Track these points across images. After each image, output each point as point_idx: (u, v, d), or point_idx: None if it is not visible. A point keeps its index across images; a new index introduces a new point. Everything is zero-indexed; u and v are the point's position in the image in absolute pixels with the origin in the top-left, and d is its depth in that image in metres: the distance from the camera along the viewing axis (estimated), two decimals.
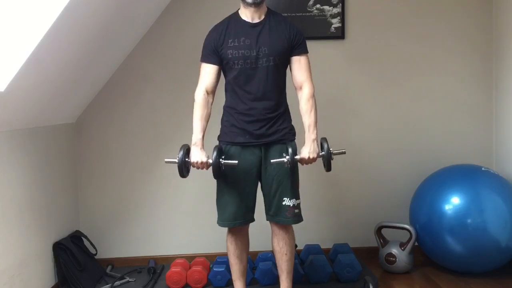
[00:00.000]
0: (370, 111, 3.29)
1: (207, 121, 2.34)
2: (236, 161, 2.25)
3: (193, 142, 2.28)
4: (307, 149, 2.28)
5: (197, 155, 2.24)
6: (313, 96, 2.35)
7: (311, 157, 2.28)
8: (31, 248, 2.54)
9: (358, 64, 3.26)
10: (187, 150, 2.27)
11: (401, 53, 3.28)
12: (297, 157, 2.27)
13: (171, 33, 3.19)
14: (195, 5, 3.18)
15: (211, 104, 2.36)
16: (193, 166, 2.27)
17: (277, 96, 2.34)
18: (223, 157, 2.26)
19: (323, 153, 2.29)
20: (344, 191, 3.32)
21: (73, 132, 3.18)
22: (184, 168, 2.25)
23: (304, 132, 2.34)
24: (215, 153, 2.23)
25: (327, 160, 2.29)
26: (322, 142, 2.32)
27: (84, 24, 2.32)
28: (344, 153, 2.34)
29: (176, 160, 2.22)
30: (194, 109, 2.33)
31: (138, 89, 3.21)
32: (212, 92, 2.35)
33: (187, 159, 2.26)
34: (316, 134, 2.32)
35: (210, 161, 2.24)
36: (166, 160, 2.28)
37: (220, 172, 2.26)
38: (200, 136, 2.29)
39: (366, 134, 3.30)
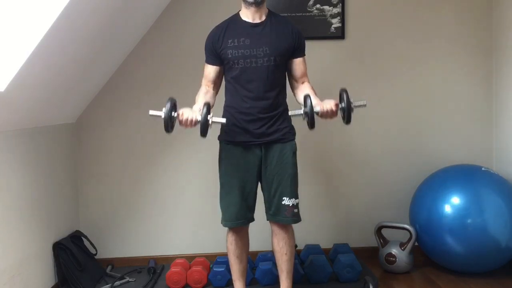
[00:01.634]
0: (370, 111, 3.26)
1: (210, 102, 2.29)
2: (225, 119, 2.19)
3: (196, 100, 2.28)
4: (323, 103, 2.20)
5: (187, 111, 2.18)
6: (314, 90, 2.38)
7: (329, 108, 2.18)
8: (31, 248, 2.54)
9: (358, 64, 3.26)
10: (173, 105, 2.16)
11: (401, 53, 3.28)
12: (317, 109, 2.15)
13: (171, 33, 3.19)
14: (195, 6, 3.18)
15: (214, 95, 2.38)
16: (180, 123, 2.17)
17: (277, 95, 2.35)
18: (211, 114, 2.14)
19: (343, 105, 2.16)
20: (344, 191, 3.32)
21: (73, 132, 3.18)
22: (169, 122, 2.13)
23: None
24: (204, 110, 2.13)
25: (347, 111, 2.15)
26: (342, 92, 2.19)
27: (84, 24, 2.32)
28: (365, 105, 2.18)
29: (162, 114, 2.11)
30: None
31: (138, 89, 3.21)
32: (215, 88, 2.40)
33: (173, 114, 2.14)
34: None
35: (199, 118, 2.14)
36: (150, 112, 2.16)
37: (207, 130, 2.14)
38: (200, 101, 2.27)
39: (366, 134, 3.30)
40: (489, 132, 3.32)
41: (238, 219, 2.37)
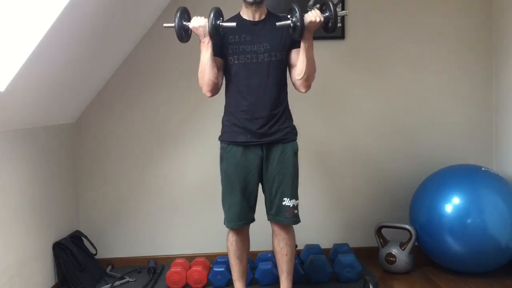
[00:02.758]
0: (370, 111, 3.29)
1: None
2: (235, 23, 2.23)
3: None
4: (310, 13, 2.23)
5: (197, 19, 2.24)
6: None
7: (317, 18, 2.21)
8: (31, 248, 2.54)
9: (358, 64, 3.26)
10: (182, 13, 2.26)
11: (401, 53, 3.28)
12: (304, 19, 2.20)
13: (171, 33, 3.17)
14: (195, 6, 3.17)
15: (220, 84, 2.37)
16: (193, 30, 2.24)
17: (278, 92, 2.34)
18: (221, 18, 2.23)
19: (327, 14, 2.24)
20: (344, 191, 3.32)
21: (73, 132, 3.18)
22: (182, 31, 2.24)
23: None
24: (212, 15, 2.20)
25: (334, 20, 2.23)
26: (327, 2, 2.27)
27: (84, 24, 2.32)
28: (347, 14, 2.34)
29: (174, 24, 2.21)
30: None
31: (138, 89, 3.21)
32: (219, 70, 2.35)
33: (184, 23, 2.24)
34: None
35: (209, 23, 2.20)
36: (164, 25, 2.28)
37: (218, 34, 2.23)
38: None
39: (366, 134, 3.30)
40: (489, 132, 3.32)
41: (240, 219, 2.37)
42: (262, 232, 2.66)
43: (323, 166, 3.30)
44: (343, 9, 3.19)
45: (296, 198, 2.38)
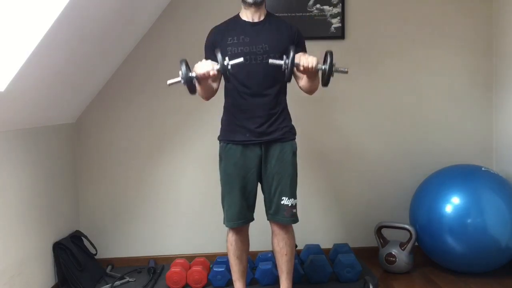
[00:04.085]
0: (370, 111, 3.29)
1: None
2: (242, 58, 2.13)
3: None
4: (309, 58, 2.16)
5: (202, 66, 2.14)
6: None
7: (310, 65, 2.13)
8: (31, 248, 2.54)
9: (358, 64, 3.26)
10: (187, 64, 2.12)
11: (401, 53, 3.28)
12: (297, 61, 2.12)
13: (171, 33, 3.19)
14: (194, 6, 3.18)
15: (215, 89, 2.37)
16: (201, 78, 2.13)
17: (277, 93, 2.34)
18: (227, 57, 2.10)
19: (325, 66, 2.13)
20: (344, 191, 3.32)
21: (73, 132, 3.18)
22: (191, 83, 2.11)
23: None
24: (219, 55, 2.07)
25: (327, 73, 2.13)
26: (327, 53, 2.15)
27: (84, 24, 2.32)
28: (347, 72, 2.15)
29: (180, 79, 2.08)
30: None
31: (138, 90, 3.21)
32: (214, 82, 2.36)
33: (190, 74, 2.11)
34: (319, 80, 2.26)
35: (216, 66, 2.10)
36: (168, 82, 2.13)
37: (228, 74, 2.11)
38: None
39: (366, 134, 3.30)
40: (489, 132, 3.32)
41: (239, 218, 2.37)
42: (262, 232, 2.66)
43: (323, 166, 3.30)
44: (343, 9, 3.19)
45: (295, 198, 2.38)
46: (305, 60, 2.14)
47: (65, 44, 2.27)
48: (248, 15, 2.35)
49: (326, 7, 3.20)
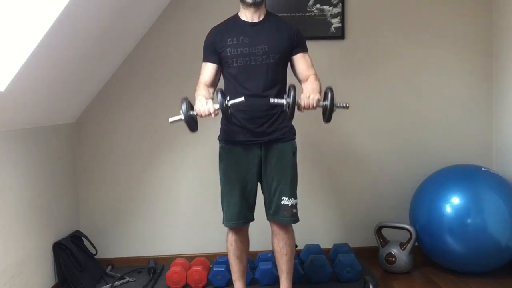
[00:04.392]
0: (370, 111, 3.29)
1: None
2: (243, 98, 2.13)
3: (196, 96, 2.24)
4: (308, 93, 2.18)
5: (203, 105, 2.15)
6: (319, 80, 2.34)
7: (311, 102, 2.16)
8: (31, 248, 2.54)
9: (358, 64, 3.26)
10: (189, 103, 2.14)
11: (401, 53, 3.28)
12: (299, 101, 2.14)
13: (171, 33, 3.19)
14: (194, 6, 3.18)
15: (213, 93, 2.35)
16: (200, 116, 2.15)
17: (277, 94, 2.34)
18: (228, 98, 2.12)
19: (325, 102, 2.15)
20: (344, 191, 3.32)
21: (73, 132, 3.18)
22: (192, 121, 2.14)
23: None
24: (219, 96, 2.09)
25: (329, 110, 2.14)
26: (327, 90, 2.17)
27: (84, 24, 2.32)
28: (348, 107, 2.17)
29: (182, 117, 2.11)
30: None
31: (138, 89, 3.21)
32: (212, 86, 2.36)
33: (191, 112, 2.14)
34: (320, 87, 2.26)
35: (217, 106, 2.11)
36: (170, 120, 2.16)
37: (229, 115, 2.14)
38: (204, 92, 2.25)
39: (366, 134, 3.30)
40: (489, 132, 3.31)
41: (239, 218, 2.37)
42: (262, 232, 2.66)
43: (323, 166, 3.30)
44: (343, 9, 3.19)
45: (295, 198, 2.38)
46: (306, 100, 2.16)
47: (65, 44, 2.27)
48: (247, 15, 2.34)
49: (326, 7, 3.20)
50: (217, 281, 2.82)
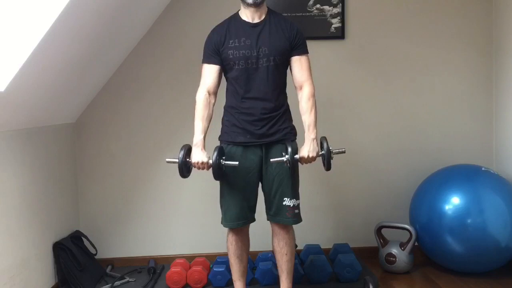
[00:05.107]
0: (370, 111, 3.29)
1: (209, 122, 2.34)
2: (237, 162, 2.24)
3: (194, 142, 2.29)
4: (307, 148, 2.28)
5: (198, 156, 2.25)
6: (313, 95, 2.35)
7: (310, 156, 2.27)
8: (31, 248, 2.54)
9: (358, 64, 3.26)
10: (188, 150, 2.28)
11: (401, 53, 3.28)
12: (297, 156, 2.26)
13: (171, 33, 3.19)
14: (194, 6, 3.18)
15: (213, 104, 2.36)
16: (194, 167, 2.28)
17: (278, 95, 2.34)
18: (223, 157, 2.26)
19: (322, 152, 2.28)
20: (344, 191, 3.32)
21: (73, 132, 3.18)
22: (184, 168, 2.26)
23: (304, 133, 2.34)
24: (215, 154, 2.21)
25: (327, 159, 2.27)
26: (322, 141, 2.31)
27: (84, 24, 2.32)
28: (344, 152, 2.31)
29: (177, 160, 2.24)
30: (195, 110, 2.33)
31: (138, 89, 3.21)
32: (213, 93, 2.36)
33: (187, 159, 2.27)
34: (316, 134, 2.32)
35: (211, 161, 2.23)
36: (167, 160, 2.32)
37: (220, 173, 2.25)
38: (201, 137, 2.29)
39: (366, 134, 3.30)
40: (489, 132, 3.32)
41: (239, 219, 2.37)
42: (262, 232, 2.66)
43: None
44: (343, 9, 3.19)
45: (297, 198, 2.38)
46: (306, 159, 2.27)
47: (65, 44, 2.27)
48: (248, 15, 2.33)
49: (326, 7, 3.20)
50: (217, 281, 2.82)
